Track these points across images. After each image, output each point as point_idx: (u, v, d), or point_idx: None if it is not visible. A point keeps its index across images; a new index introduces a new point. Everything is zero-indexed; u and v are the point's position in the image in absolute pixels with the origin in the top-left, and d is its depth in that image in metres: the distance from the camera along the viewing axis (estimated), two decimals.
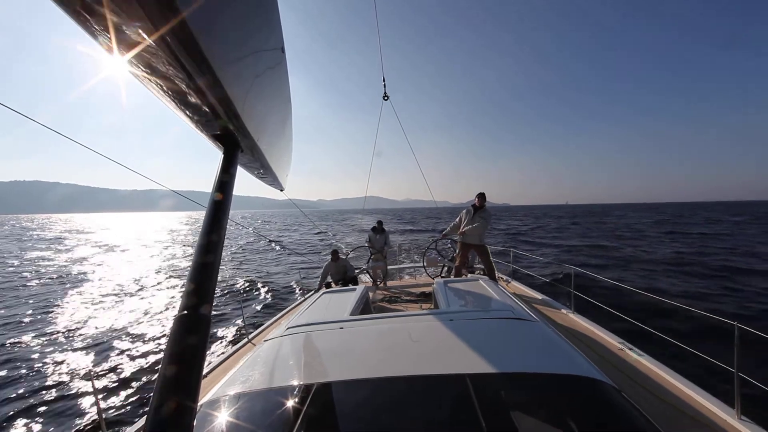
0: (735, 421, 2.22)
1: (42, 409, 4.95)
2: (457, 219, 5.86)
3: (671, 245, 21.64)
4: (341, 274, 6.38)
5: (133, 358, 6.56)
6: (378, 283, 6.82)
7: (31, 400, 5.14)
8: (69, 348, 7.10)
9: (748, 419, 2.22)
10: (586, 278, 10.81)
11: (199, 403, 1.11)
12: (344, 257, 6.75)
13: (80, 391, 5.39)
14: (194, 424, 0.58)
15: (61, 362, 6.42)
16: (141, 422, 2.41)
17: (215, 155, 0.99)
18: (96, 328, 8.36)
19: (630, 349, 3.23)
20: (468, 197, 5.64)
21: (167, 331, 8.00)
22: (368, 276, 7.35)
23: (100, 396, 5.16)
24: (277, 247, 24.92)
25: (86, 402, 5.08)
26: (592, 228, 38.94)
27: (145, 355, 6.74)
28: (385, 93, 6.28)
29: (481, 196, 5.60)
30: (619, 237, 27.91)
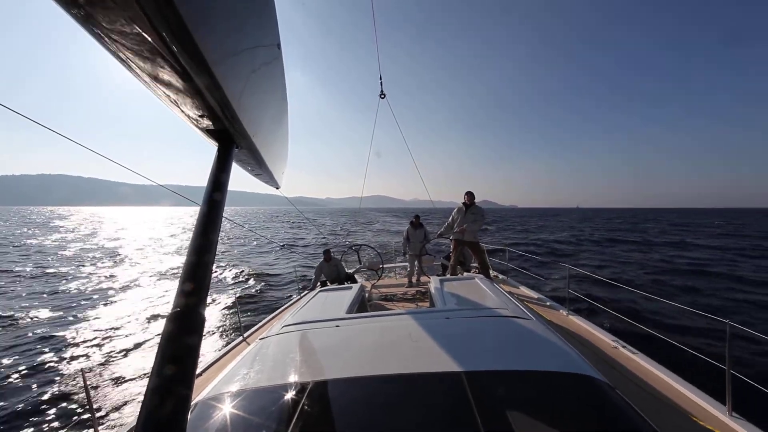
0: (726, 417, 2.25)
1: (38, 407, 4.89)
2: (450, 218, 5.92)
3: None
4: (334, 274, 6.40)
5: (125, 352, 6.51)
6: (413, 280, 6.80)
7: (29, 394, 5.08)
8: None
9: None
10: (581, 276, 10.90)
11: (193, 402, 1.11)
12: (337, 257, 6.76)
13: (72, 388, 5.34)
14: (188, 422, 0.58)
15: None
16: (134, 421, 2.40)
17: (209, 150, 0.98)
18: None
19: (624, 347, 3.27)
20: (477, 198, 5.79)
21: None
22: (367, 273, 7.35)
23: (91, 393, 5.12)
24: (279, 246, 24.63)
25: (78, 400, 5.03)
26: None
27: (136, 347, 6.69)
28: (381, 91, 6.28)
29: (470, 194, 5.70)
30: None
